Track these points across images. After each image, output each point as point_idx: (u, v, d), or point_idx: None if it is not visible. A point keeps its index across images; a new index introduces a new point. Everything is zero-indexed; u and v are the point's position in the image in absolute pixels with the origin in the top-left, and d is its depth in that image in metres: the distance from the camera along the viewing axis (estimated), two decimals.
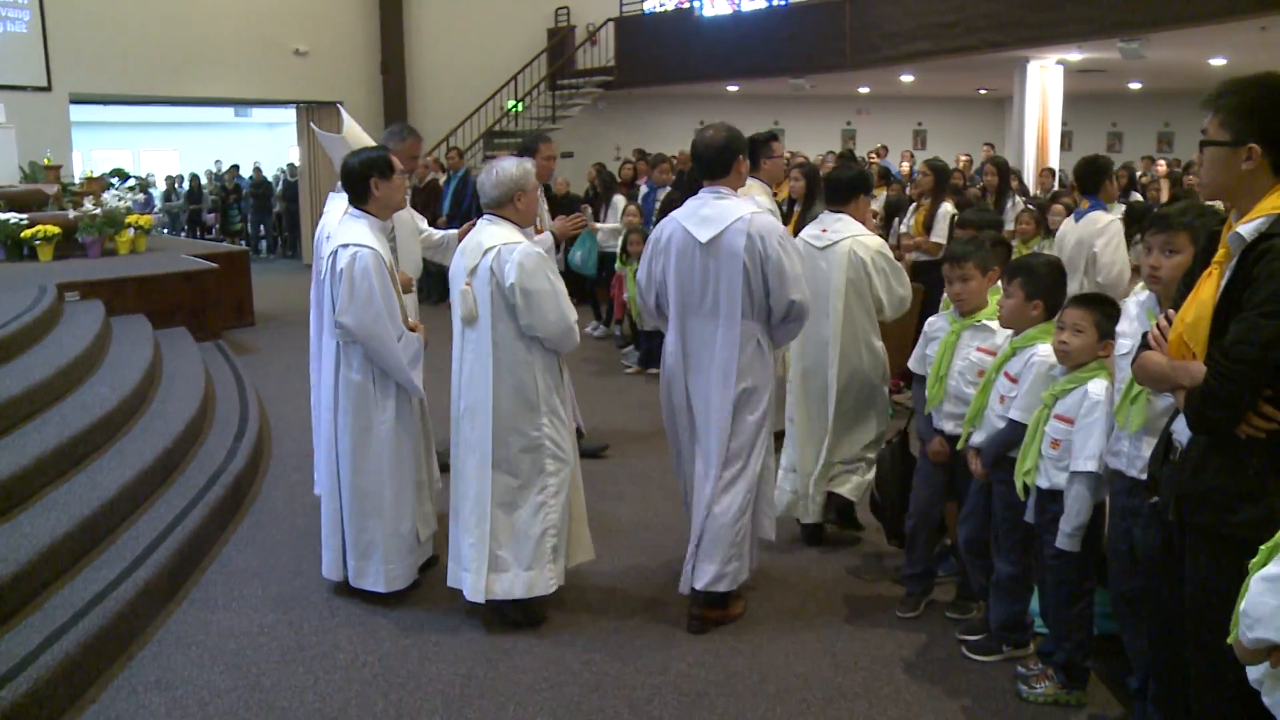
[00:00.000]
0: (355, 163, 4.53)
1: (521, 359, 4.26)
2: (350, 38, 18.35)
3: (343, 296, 4.35)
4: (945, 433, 4.21)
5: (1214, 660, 2.80)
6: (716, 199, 4.30)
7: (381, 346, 4.40)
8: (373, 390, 4.49)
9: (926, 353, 4.35)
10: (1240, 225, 2.65)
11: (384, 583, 4.54)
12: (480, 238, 4.29)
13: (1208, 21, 12.10)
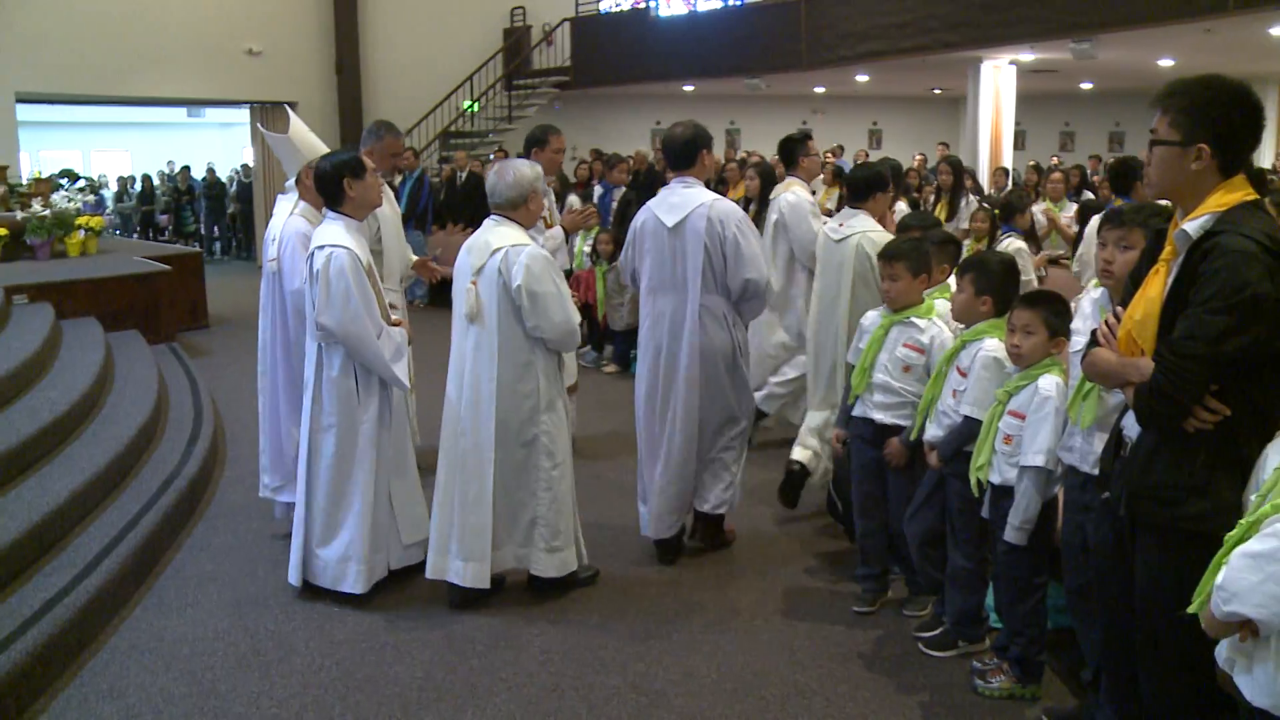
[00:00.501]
0: (327, 165, 4.55)
1: (525, 358, 4.39)
2: (304, 37, 18.20)
3: (320, 297, 4.39)
4: (876, 421, 4.29)
5: (1164, 652, 2.84)
6: (684, 188, 4.86)
7: (361, 345, 4.42)
8: (355, 389, 4.50)
9: (860, 345, 4.42)
10: (1186, 223, 2.70)
11: (362, 584, 4.52)
12: (488, 237, 4.42)
13: (1155, 23, 12.29)
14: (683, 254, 4.77)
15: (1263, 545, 2.03)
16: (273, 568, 4.94)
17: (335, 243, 4.42)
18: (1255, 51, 15.26)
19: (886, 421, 4.27)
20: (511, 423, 4.38)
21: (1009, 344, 3.65)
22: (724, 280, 4.76)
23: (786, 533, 5.37)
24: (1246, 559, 2.06)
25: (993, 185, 13.27)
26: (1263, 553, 2.02)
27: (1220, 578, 2.11)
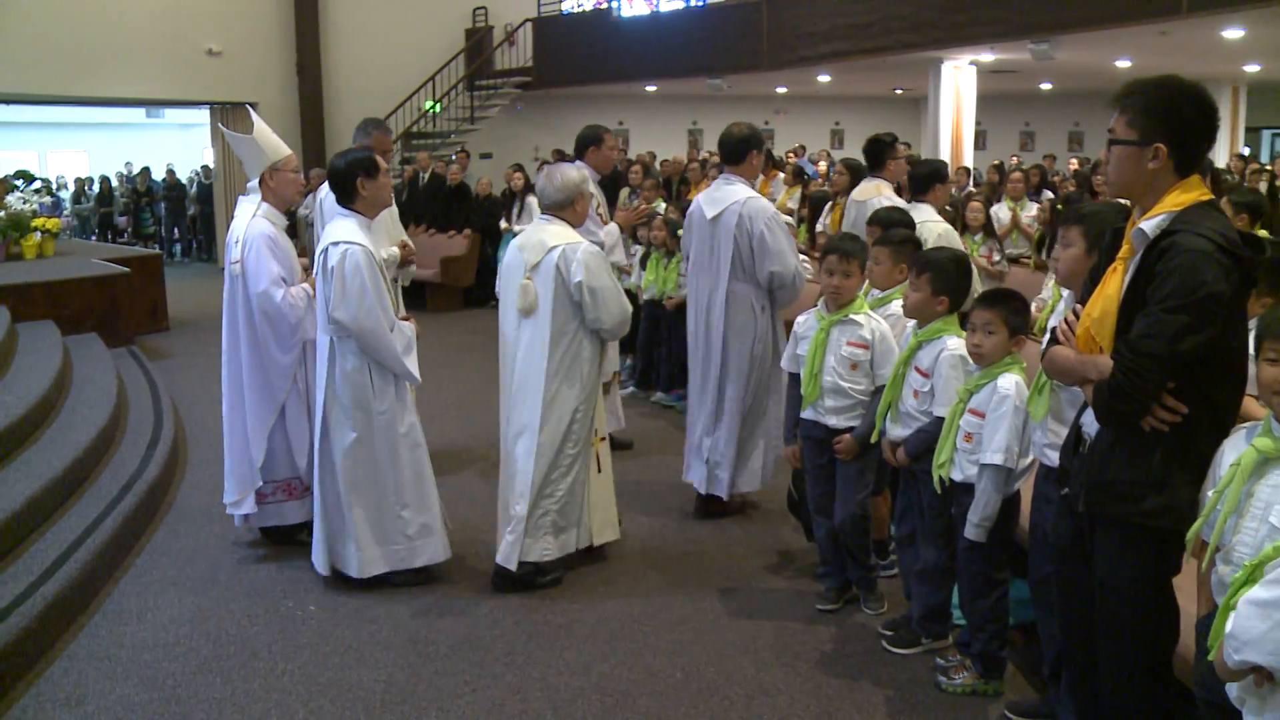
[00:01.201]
0: (342, 163, 4.66)
1: (576, 349, 4.65)
2: (264, 38, 18.05)
3: (335, 293, 4.45)
4: (830, 426, 4.30)
5: (1122, 646, 2.88)
6: (726, 184, 5.40)
7: (375, 339, 4.50)
8: (369, 382, 4.57)
9: (798, 352, 4.43)
10: (1143, 222, 2.73)
11: (391, 564, 4.69)
12: (541, 236, 4.67)
13: (1112, 25, 12.43)
14: (717, 243, 5.32)
15: (1269, 593, 2.00)
16: (235, 572, 4.91)
17: (349, 239, 4.50)
18: (1209, 53, 15.45)
19: (840, 426, 4.29)
20: (556, 409, 4.61)
21: (970, 343, 3.67)
22: (752, 271, 5.28)
23: (749, 532, 5.39)
24: (1253, 607, 2.03)
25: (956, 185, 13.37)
26: (1270, 600, 1.99)
27: (1229, 627, 2.08)
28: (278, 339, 4.98)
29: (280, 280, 4.95)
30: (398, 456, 4.63)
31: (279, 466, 5.10)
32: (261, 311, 4.95)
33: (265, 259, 4.91)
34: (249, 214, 5.04)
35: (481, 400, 8.27)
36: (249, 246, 4.96)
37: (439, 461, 6.01)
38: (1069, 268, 3.30)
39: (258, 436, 5.03)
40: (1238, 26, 13.02)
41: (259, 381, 5.04)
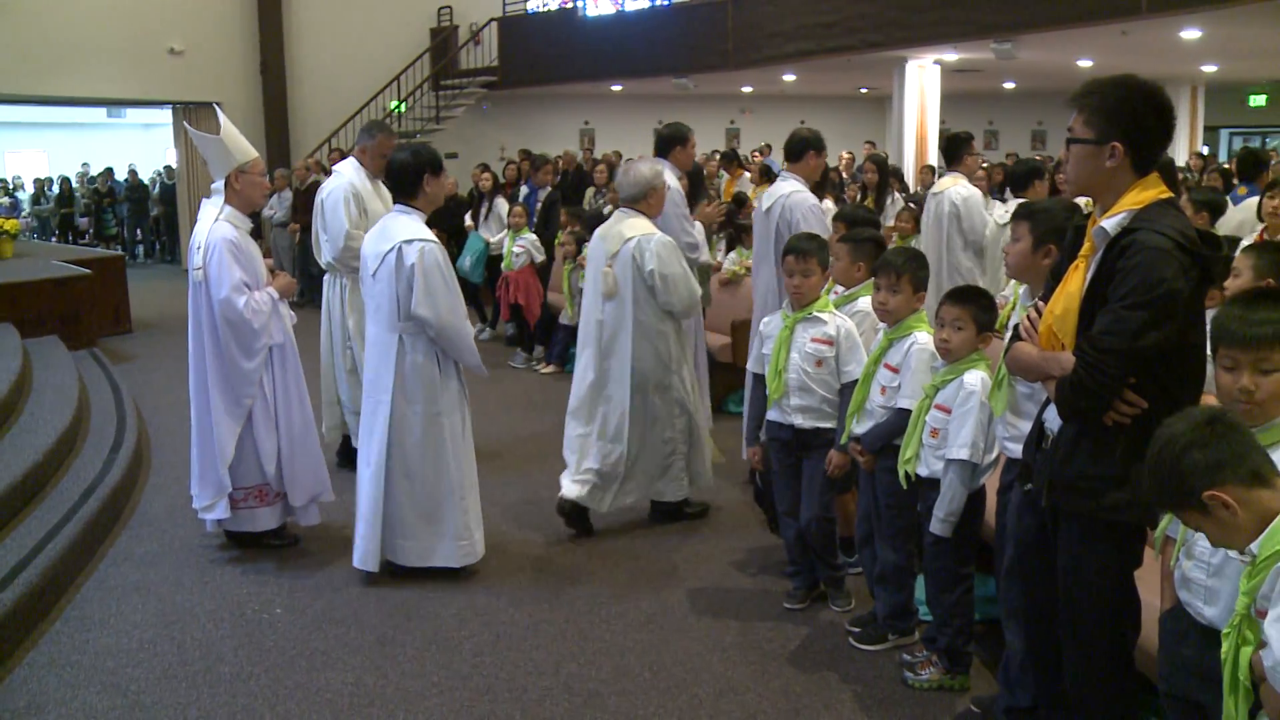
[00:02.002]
0: (409, 157, 4.73)
1: (656, 329, 5.16)
2: (227, 36, 17.92)
3: (418, 290, 4.53)
4: (796, 426, 4.31)
5: (1086, 637, 2.91)
6: (782, 180, 5.84)
7: (456, 335, 4.64)
8: (438, 374, 4.67)
9: (764, 352, 4.44)
10: (1104, 220, 2.76)
11: (458, 557, 4.73)
12: (620, 228, 5.17)
13: (1073, 24, 12.56)
14: (768, 234, 5.70)
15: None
16: (200, 576, 4.87)
17: (422, 237, 4.60)
18: (1168, 53, 15.64)
19: (806, 426, 4.29)
20: (649, 379, 5.15)
21: (938, 339, 3.69)
22: None
23: (717, 531, 5.40)
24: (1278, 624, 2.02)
25: (919, 183, 13.46)
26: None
27: (1270, 659, 2.03)
28: (241, 345, 4.90)
29: (242, 286, 4.87)
30: (458, 450, 4.72)
31: (248, 472, 5.02)
32: (224, 318, 4.87)
33: (227, 265, 4.84)
34: (211, 218, 4.96)
35: None
36: (211, 252, 4.88)
37: None
38: (1017, 261, 3.45)
39: (226, 442, 4.94)
40: (1195, 27, 13.20)
41: (225, 387, 4.95)
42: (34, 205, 21.16)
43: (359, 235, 5.75)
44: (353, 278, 5.99)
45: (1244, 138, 26.49)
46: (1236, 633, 2.17)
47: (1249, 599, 2.13)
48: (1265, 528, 2.09)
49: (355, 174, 6.14)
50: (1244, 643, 2.16)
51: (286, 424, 5.07)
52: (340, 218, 5.99)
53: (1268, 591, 2.07)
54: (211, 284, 4.88)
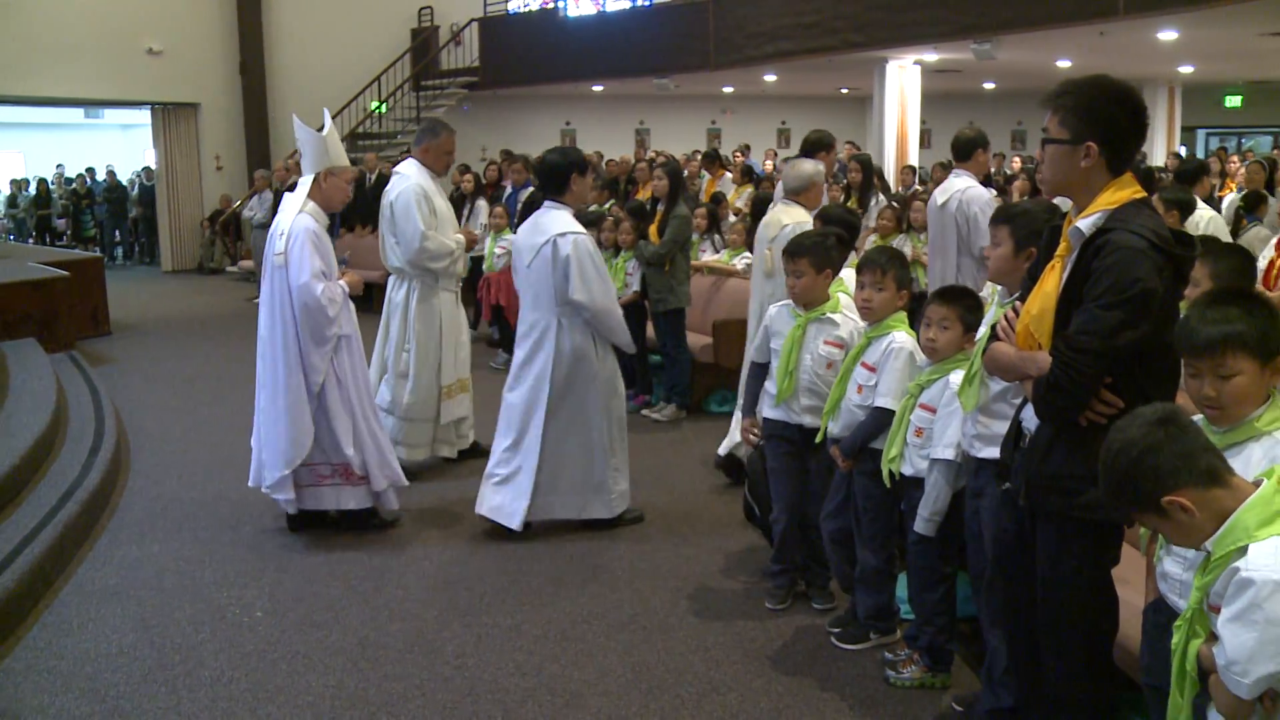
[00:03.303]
0: (559, 158, 5.23)
1: None
2: (206, 37, 17.85)
3: (574, 277, 4.99)
4: (804, 426, 4.29)
5: (1065, 634, 2.93)
6: (955, 177, 6.63)
7: (609, 317, 5.15)
8: (593, 354, 5.17)
9: (774, 346, 4.42)
10: (1079, 220, 2.77)
11: (609, 509, 5.30)
12: (779, 216, 5.78)
13: (1052, 25, 12.62)
14: (945, 227, 6.52)
15: (1240, 603, 2.01)
16: (180, 580, 4.83)
17: (574, 229, 5.07)
18: (1145, 54, 15.74)
19: (815, 426, 4.23)
20: None
21: (924, 338, 3.69)
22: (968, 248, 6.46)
23: (697, 530, 5.40)
24: (1235, 624, 2.02)
25: (899, 183, 13.50)
26: (1244, 608, 1.99)
27: (1223, 658, 2.05)
28: (314, 331, 5.07)
29: (321, 274, 5.05)
30: (609, 419, 5.24)
31: (333, 450, 5.19)
32: (301, 303, 5.04)
33: (309, 253, 5.02)
34: (295, 208, 5.14)
35: None
36: (294, 239, 5.05)
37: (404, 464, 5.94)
38: (998, 265, 3.46)
39: (302, 420, 5.10)
40: (1172, 28, 13.28)
41: (295, 370, 5.10)
42: (10, 207, 21.01)
43: (435, 236, 6.09)
44: (422, 281, 6.18)
45: (1220, 138, 26.67)
46: (1188, 625, 2.20)
47: (1201, 594, 2.16)
48: (1222, 525, 2.11)
49: (419, 174, 6.19)
50: (1194, 635, 2.19)
51: (361, 410, 5.25)
52: (415, 221, 6.04)
53: (1221, 590, 2.09)
54: (292, 269, 5.04)
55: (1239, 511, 2.09)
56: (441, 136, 6.21)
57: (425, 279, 6.20)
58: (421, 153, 6.23)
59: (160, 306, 14.03)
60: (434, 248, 6.09)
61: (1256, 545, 2.03)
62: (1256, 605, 1.98)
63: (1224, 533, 2.10)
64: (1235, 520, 2.09)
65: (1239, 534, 2.07)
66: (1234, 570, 2.04)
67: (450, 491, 6.00)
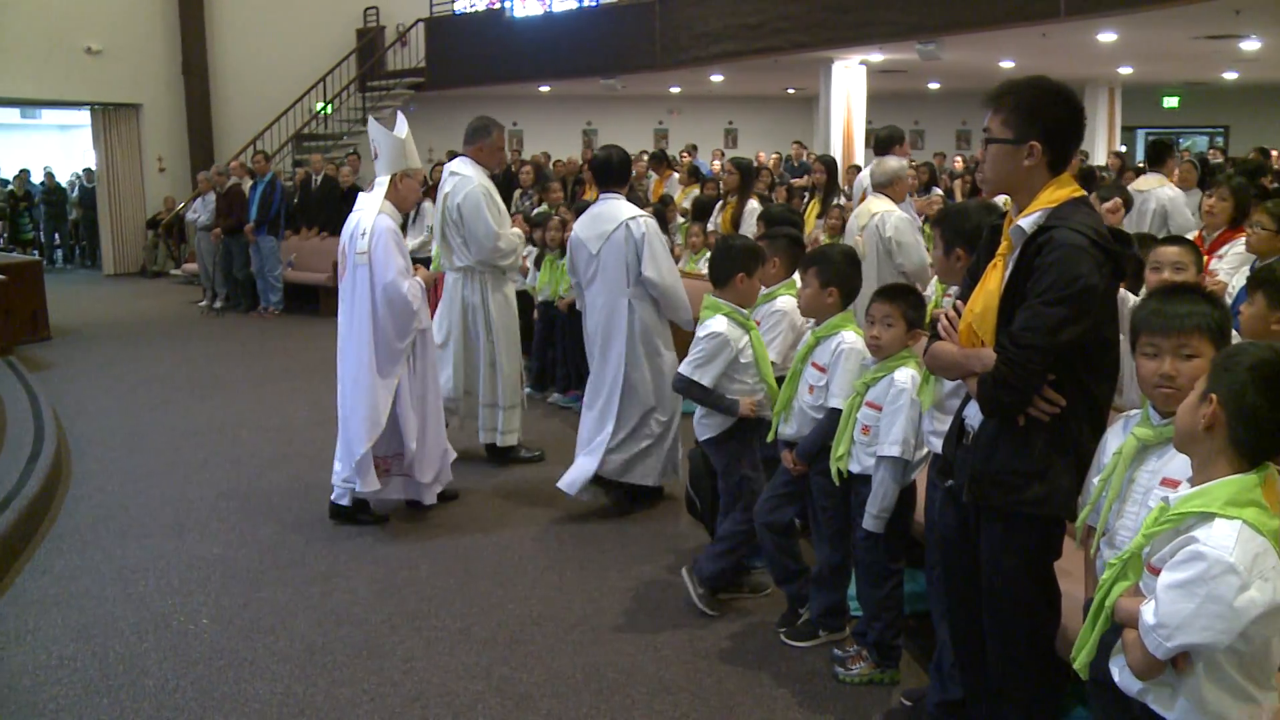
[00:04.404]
0: (616, 155, 5.67)
1: None
2: (147, 36, 17.58)
3: (645, 256, 5.31)
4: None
5: (1010, 628, 2.97)
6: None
7: (675, 293, 5.43)
8: (661, 327, 5.49)
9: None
10: (1020, 219, 2.81)
11: (656, 477, 5.52)
12: (870, 206, 6.60)
13: (995, 26, 12.76)
14: None
15: (1186, 572, 2.04)
16: (123, 589, 4.76)
17: (641, 213, 5.44)
18: (1087, 55, 15.96)
19: None
20: None
21: (868, 336, 3.73)
22: None
23: (647, 531, 5.40)
24: (1175, 590, 2.05)
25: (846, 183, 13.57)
26: (1190, 579, 2.02)
27: (1152, 619, 2.08)
28: (398, 326, 5.29)
29: (405, 271, 5.29)
30: (660, 396, 5.44)
31: (388, 444, 5.41)
32: (387, 299, 5.24)
33: (393, 251, 5.26)
34: (374, 208, 5.33)
35: None
36: (377, 238, 5.26)
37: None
38: (938, 267, 3.64)
39: (381, 413, 5.28)
40: (1111, 30, 13.49)
41: (379, 364, 5.29)
42: None
43: (506, 234, 6.32)
44: (492, 275, 6.37)
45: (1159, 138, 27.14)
46: (1121, 566, 2.24)
47: (1145, 541, 2.19)
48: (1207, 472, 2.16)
49: (477, 173, 6.30)
50: (1122, 578, 2.24)
51: (425, 404, 5.48)
52: (487, 221, 6.19)
53: (1165, 553, 2.13)
54: (377, 267, 5.25)
55: (1218, 482, 2.11)
56: (494, 134, 6.34)
57: (494, 273, 6.40)
58: (475, 151, 6.34)
59: (102, 310, 13.81)
60: (506, 246, 6.32)
61: (1222, 522, 2.05)
62: (1203, 580, 2.01)
63: (1194, 494, 2.13)
64: (1210, 488, 2.11)
65: (1206, 501, 2.09)
66: (1190, 539, 2.07)
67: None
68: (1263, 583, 2.01)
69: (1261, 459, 2.13)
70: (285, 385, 8.97)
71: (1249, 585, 1.99)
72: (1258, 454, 2.12)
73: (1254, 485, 2.10)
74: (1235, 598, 1.99)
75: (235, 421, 7.69)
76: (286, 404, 8.27)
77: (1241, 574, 1.99)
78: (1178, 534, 2.11)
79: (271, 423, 7.66)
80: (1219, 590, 2.00)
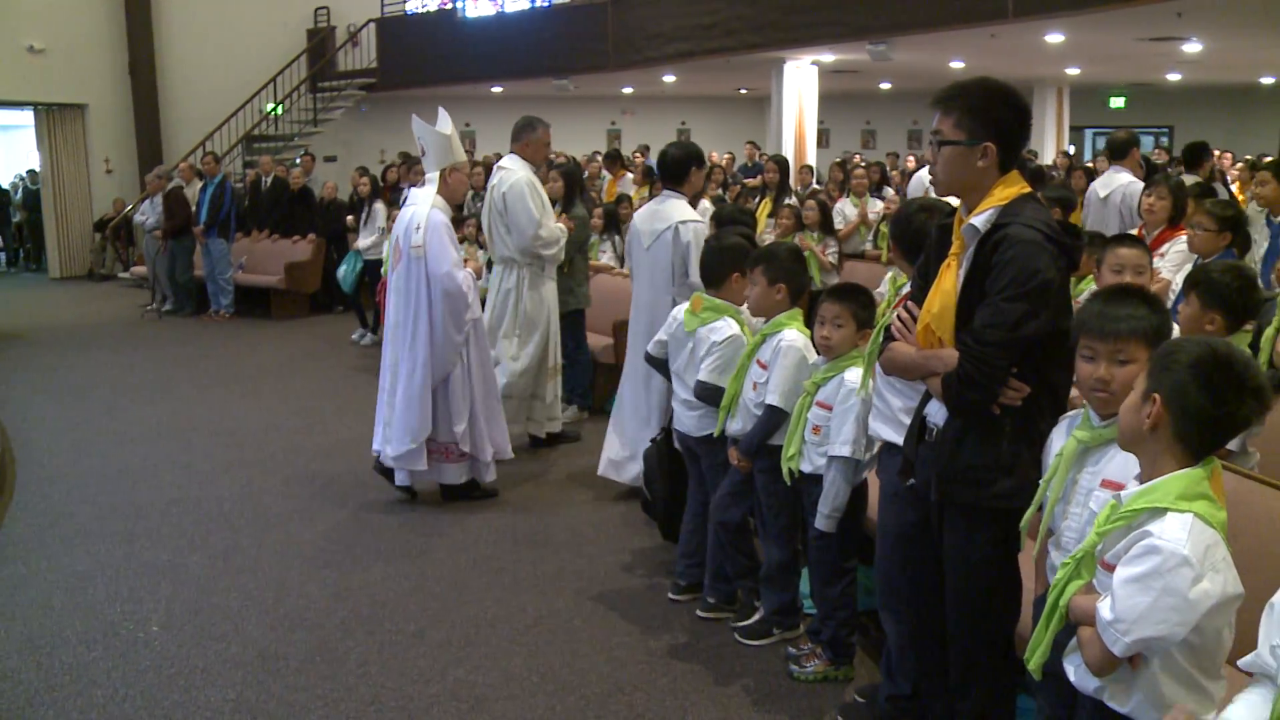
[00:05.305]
0: (680, 152, 5.65)
1: None
2: (92, 35, 17.32)
3: (692, 262, 5.32)
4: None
5: (970, 622, 3.01)
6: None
7: None
8: None
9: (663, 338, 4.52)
10: (972, 218, 2.84)
11: None
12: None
13: (945, 27, 12.88)
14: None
15: (1142, 566, 2.06)
16: (70, 598, 4.68)
17: (694, 218, 5.51)
18: (1034, 56, 16.15)
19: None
20: None
21: (819, 336, 3.74)
22: None
23: (601, 532, 5.41)
24: (1132, 585, 2.07)
25: (798, 182, 13.64)
26: (1145, 573, 2.04)
27: (1109, 615, 2.10)
28: (454, 316, 5.51)
29: (459, 263, 5.54)
30: None
31: (441, 431, 5.62)
32: (444, 291, 5.47)
33: (447, 244, 5.50)
34: (428, 203, 5.54)
35: (330, 408, 8.11)
36: (432, 231, 5.47)
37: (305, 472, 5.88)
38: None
39: (426, 401, 5.51)
40: (1058, 31, 13.65)
41: (433, 354, 5.51)
42: None
43: (548, 225, 6.55)
44: (531, 269, 6.59)
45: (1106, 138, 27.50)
46: (1075, 565, 2.26)
47: (1098, 539, 2.21)
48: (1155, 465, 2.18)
49: (523, 167, 6.56)
50: (1076, 576, 2.26)
51: (481, 389, 5.72)
52: (530, 211, 6.43)
53: (1119, 550, 2.15)
54: (432, 260, 5.47)
55: (1168, 478, 2.14)
56: (539, 131, 6.58)
57: (534, 266, 6.60)
58: (521, 148, 6.60)
59: (48, 315, 13.59)
60: (547, 236, 6.52)
61: (1174, 516, 2.08)
62: (1158, 573, 2.04)
63: (1145, 490, 2.15)
64: (1161, 483, 2.14)
65: (1158, 496, 2.12)
66: (1144, 534, 2.09)
67: (349, 499, 5.93)
68: (1214, 574, 2.04)
69: (1206, 452, 2.16)
70: (236, 389, 8.87)
71: (1202, 577, 2.02)
72: (1203, 448, 2.16)
73: (1202, 479, 2.13)
74: (1190, 590, 2.02)
75: (186, 426, 7.60)
76: (238, 408, 8.18)
77: (1195, 566, 2.02)
78: (1131, 530, 2.14)
79: (223, 427, 7.58)
80: (1174, 583, 2.02)
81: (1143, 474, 2.22)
